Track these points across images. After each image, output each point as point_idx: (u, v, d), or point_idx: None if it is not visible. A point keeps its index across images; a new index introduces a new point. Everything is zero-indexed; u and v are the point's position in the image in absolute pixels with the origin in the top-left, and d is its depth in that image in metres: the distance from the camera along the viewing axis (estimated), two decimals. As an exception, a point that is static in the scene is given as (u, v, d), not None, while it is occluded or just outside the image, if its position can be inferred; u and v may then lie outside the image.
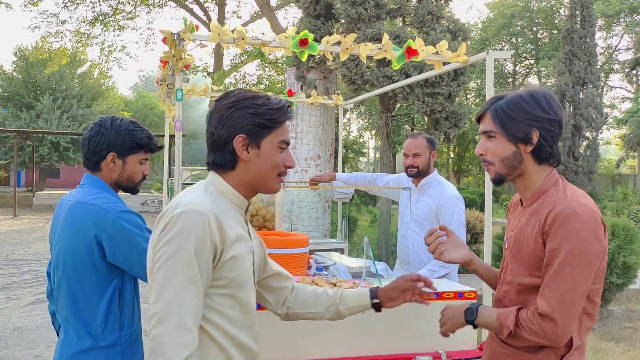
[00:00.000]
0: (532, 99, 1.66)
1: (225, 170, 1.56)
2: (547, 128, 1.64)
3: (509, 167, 1.69)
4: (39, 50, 25.45)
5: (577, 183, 17.75)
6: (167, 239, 1.40)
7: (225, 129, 1.53)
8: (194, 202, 1.44)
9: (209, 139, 1.57)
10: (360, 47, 2.49)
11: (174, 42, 2.25)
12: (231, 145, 1.53)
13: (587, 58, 17.92)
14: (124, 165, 2.10)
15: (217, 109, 1.56)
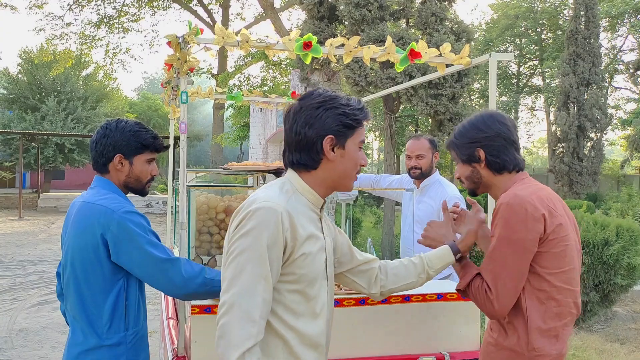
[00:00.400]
0: (471, 124, 1.94)
1: (307, 169, 1.59)
2: (489, 144, 1.90)
3: (473, 182, 1.98)
4: (44, 53, 25.60)
5: (582, 184, 17.71)
6: (241, 234, 1.45)
7: (313, 129, 1.55)
8: (269, 199, 1.48)
9: (293, 138, 1.58)
10: (364, 50, 2.50)
11: (178, 45, 2.27)
12: (319, 146, 1.56)
13: (592, 59, 17.88)
14: (131, 166, 2.13)
15: (303, 109, 1.57)
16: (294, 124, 1.58)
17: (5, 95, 30.41)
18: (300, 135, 1.56)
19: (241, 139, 18.83)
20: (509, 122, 1.92)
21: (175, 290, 1.94)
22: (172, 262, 1.94)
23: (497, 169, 1.90)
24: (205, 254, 3.04)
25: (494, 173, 1.91)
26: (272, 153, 14.63)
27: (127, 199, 2.12)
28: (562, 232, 1.78)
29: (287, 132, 1.60)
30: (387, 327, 2.31)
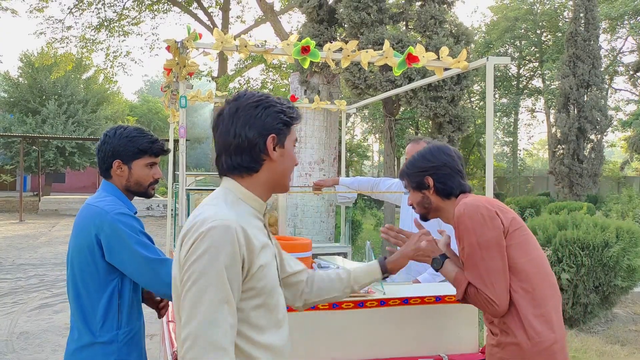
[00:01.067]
0: (420, 155, 2.16)
1: (248, 173, 1.52)
2: (436, 172, 2.11)
3: (424, 208, 2.17)
4: (44, 56, 25.63)
5: (582, 186, 17.71)
6: (195, 257, 1.35)
7: (253, 129, 1.49)
8: (220, 216, 1.39)
9: (232, 142, 1.50)
10: (362, 54, 2.51)
11: (177, 50, 2.28)
12: (262, 146, 1.49)
13: (591, 60, 17.90)
14: (130, 170, 2.18)
15: (240, 109, 1.50)
16: (231, 126, 1.50)
17: (6, 99, 30.45)
18: (241, 138, 1.48)
19: (241, 142, 18.81)
20: (453, 153, 2.16)
21: (165, 289, 1.99)
22: (161, 262, 1.99)
23: (445, 194, 2.11)
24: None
25: (442, 198, 2.12)
26: (272, 156, 14.63)
27: (127, 202, 2.18)
28: (517, 224, 1.97)
29: (223, 135, 1.51)
30: (386, 329, 2.32)
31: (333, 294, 1.89)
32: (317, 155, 11.42)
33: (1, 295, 7.75)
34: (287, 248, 2.77)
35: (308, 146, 11.36)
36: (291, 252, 2.76)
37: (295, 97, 4.43)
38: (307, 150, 11.37)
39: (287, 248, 2.77)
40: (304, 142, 11.35)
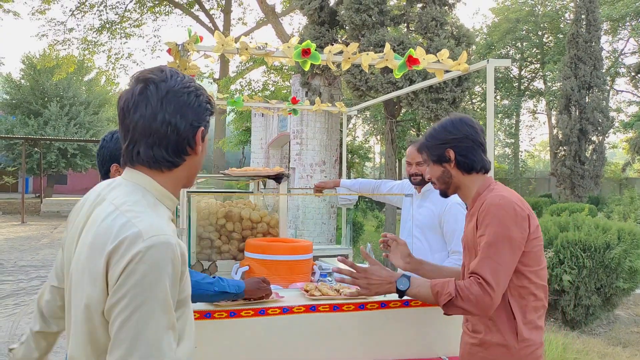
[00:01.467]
0: (441, 126, 2.06)
1: (169, 168, 1.30)
2: (458, 145, 2.01)
3: (444, 183, 2.07)
4: (46, 58, 25.69)
5: (584, 187, 17.69)
6: (135, 282, 1.14)
7: (185, 119, 1.28)
8: (157, 230, 1.18)
9: (158, 130, 1.26)
10: (362, 56, 2.52)
11: (178, 52, 2.29)
12: (191, 139, 1.30)
13: (593, 62, 17.88)
14: None
15: (170, 93, 1.27)
16: (159, 111, 1.25)
17: (8, 101, 30.51)
18: (170, 126, 1.26)
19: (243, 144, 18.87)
20: (476, 125, 2.05)
21: None
22: None
23: (466, 169, 2.01)
24: (205, 260, 3.06)
25: (463, 173, 2.02)
26: (273, 157, 14.65)
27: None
28: (539, 232, 1.92)
29: (146, 120, 1.25)
30: (386, 331, 2.32)
31: None
32: (319, 157, 11.43)
33: (3, 297, 7.77)
34: (289, 250, 2.78)
35: (309, 148, 11.37)
36: (292, 255, 2.77)
37: (297, 99, 4.43)
38: (309, 152, 11.39)
39: (288, 250, 2.78)
40: (305, 144, 11.37)
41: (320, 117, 11.27)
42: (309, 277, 2.89)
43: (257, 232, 3.20)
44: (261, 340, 2.18)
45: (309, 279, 2.85)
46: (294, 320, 2.21)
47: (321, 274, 3.00)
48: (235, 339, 2.15)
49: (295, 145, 11.64)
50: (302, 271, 2.81)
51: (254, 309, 2.17)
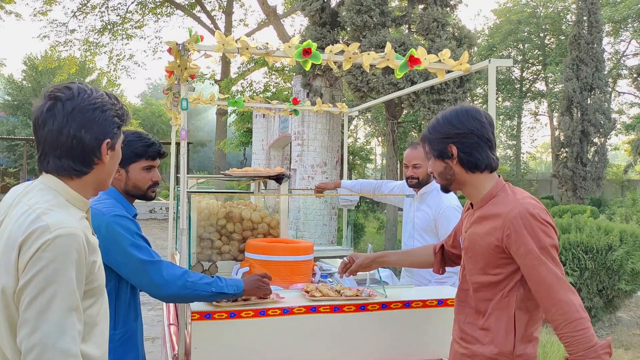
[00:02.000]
0: (445, 119, 1.89)
1: (78, 175, 1.45)
2: (462, 141, 1.85)
3: (445, 179, 1.94)
4: (48, 59, 25.73)
5: (586, 189, 17.66)
6: (41, 266, 1.28)
7: (90, 133, 1.43)
8: (65, 224, 1.33)
9: (64, 143, 1.42)
10: (363, 56, 2.50)
11: (179, 52, 2.28)
12: (97, 151, 1.46)
13: (595, 64, 17.87)
14: (127, 174, 2.22)
15: (76, 110, 1.42)
16: (65, 126, 1.41)
17: (9, 102, 30.56)
18: (75, 140, 1.42)
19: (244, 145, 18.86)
20: (484, 118, 1.87)
21: (157, 290, 2.01)
22: (153, 264, 2.00)
23: (470, 166, 1.86)
24: (206, 260, 3.05)
25: (466, 171, 1.88)
26: (274, 159, 14.65)
27: (127, 205, 2.21)
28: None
29: (53, 134, 1.42)
30: (388, 333, 2.31)
31: None
32: (320, 158, 11.43)
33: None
34: (289, 251, 2.77)
35: (310, 149, 11.36)
36: (293, 256, 2.76)
37: (298, 99, 4.42)
38: (310, 154, 11.38)
39: (288, 251, 2.77)
40: (307, 145, 11.36)
41: (321, 119, 11.26)
42: (310, 278, 2.87)
43: (257, 233, 3.19)
44: (261, 341, 2.16)
45: (309, 280, 2.84)
46: (294, 321, 2.20)
47: (322, 275, 2.98)
48: (236, 340, 2.13)
49: (296, 147, 11.64)
50: (302, 272, 2.80)
51: (254, 309, 2.16)
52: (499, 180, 1.90)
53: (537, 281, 1.68)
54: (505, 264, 1.78)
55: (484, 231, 1.82)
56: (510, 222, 1.73)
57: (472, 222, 1.90)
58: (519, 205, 1.75)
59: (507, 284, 1.79)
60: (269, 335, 2.17)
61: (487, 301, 1.82)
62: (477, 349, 1.82)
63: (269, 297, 2.26)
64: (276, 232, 3.23)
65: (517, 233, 1.71)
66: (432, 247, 2.32)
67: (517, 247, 1.71)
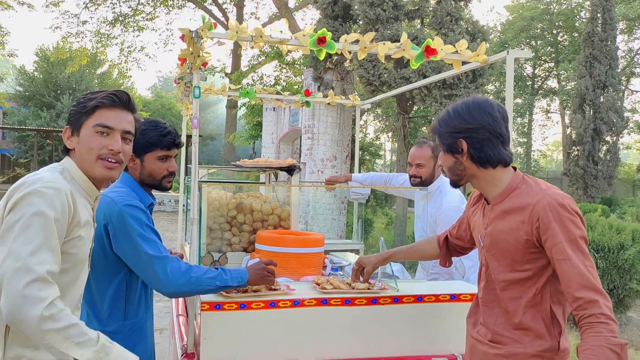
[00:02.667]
0: (455, 112, 1.81)
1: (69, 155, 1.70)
2: (472, 136, 1.77)
3: (455, 174, 1.87)
4: (59, 51, 25.83)
5: (597, 187, 17.50)
6: (26, 204, 1.46)
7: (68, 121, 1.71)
8: (54, 180, 1.53)
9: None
10: (379, 46, 2.46)
11: (192, 39, 2.25)
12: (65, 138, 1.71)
13: (608, 61, 17.66)
14: (142, 163, 2.19)
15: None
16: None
17: (21, 93, 30.72)
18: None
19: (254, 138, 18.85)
20: (497, 112, 1.79)
21: (160, 286, 1.99)
22: (158, 259, 1.97)
23: (480, 162, 1.78)
24: (216, 251, 3.03)
25: (478, 166, 1.80)
26: (284, 152, 14.62)
27: (143, 194, 2.19)
28: None
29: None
30: (400, 327, 2.27)
31: None
32: (330, 152, 11.39)
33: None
34: (300, 243, 2.74)
35: (321, 143, 11.32)
36: (303, 247, 2.73)
37: (310, 91, 4.39)
38: (320, 147, 11.34)
39: (299, 243, 2.74)
40: (317, 139, 11.33)
41: (332, 112, 11.22)
42: (320, 271, 2.85)
43: (268, 225, 3.16)
44: (271, 333, 2.14)
45: (319, 272, 2.81)
46: (305, 313, 2.17)
47: (332, 268, 2.95)
48: (245, 331, 2.11)
49: (306, 140, 11.60)
50: (313, 264, 2.77)
51: (264, 301, 2.14)
52: (516, 172, 1.83)
53: (561, 275, 1.63)
54: (535, 258, 1.72)
55: (511, 226, 1.74)
56: (538, 213, 1.66)
57: (494, 218, 1.81)
58: (547, 196, 1.68)
59: (537, 280, 1.73)
60: (279, 327, 2.14)
61: (517, 299, 1.76)
62: (515, 349, 1.75)
63: (277, 288, 2.23)
64: (287, 224, 3.21)
65: (546, 225, 1.65)
66: (436, 239, 2.28)
67: (545, 238, 1.66)
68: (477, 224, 1.93)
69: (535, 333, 1.73)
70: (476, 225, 1.94)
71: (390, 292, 2.30)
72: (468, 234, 2.10)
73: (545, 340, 1.72)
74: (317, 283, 2.33)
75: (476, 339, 1.88)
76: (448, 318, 2.33)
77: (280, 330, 2.15)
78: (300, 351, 2.17)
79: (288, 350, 2.15)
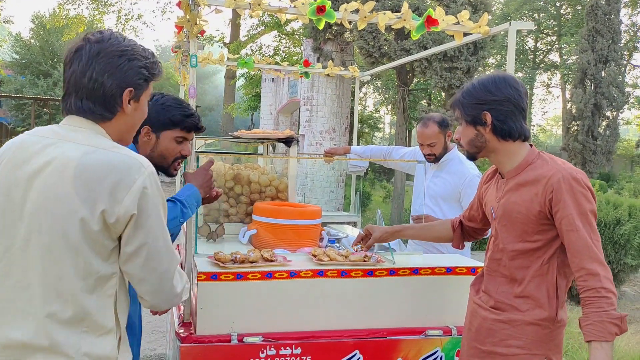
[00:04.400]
0: (481, 84, 1.84)
1: (101, 120, 1.44)
2: (497, 108, 1.80)
3: (475, 147, 1.89)
4: (56, 18, 25.40)
5: (595, 163, 17.51)
6: (150, 205, 1.38)
7: (113, 78, 1.42)
8: (146, 161, 1.41)
9: (86, 84, 1.41)
10: (379, 16, 2.42)
11: (189, 6, 2.21)
12: (118, 98, 1.44)
13: (611, 35, 17.48)
14: (157, 140, 2.06)
15: (102, 54, 1.42)
16: (87, 69, 1.41)
17: (17, 60, 30.39)
18: (97, 83, 1.41)
19: (252, 109, 18.76)
20: (521, 88, 1.85)
21: None
22: None
23: (503, 135, 1.82)
24: (213, 222, 3.03)
25: (499, 139, 1.83)
26: (282, 124, 14.56)
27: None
28: None
29: (77, 75, 1.41)
30: (395, 299, 2.29)
31: None
32: (329, 124, 11.34)
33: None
34: (297, 214, 2.74)
35: (319, 115, 11.27)
36: (301, 219, 2.73)
37: (309, 62, 4.34)
38: (319, 119, 11.29)
39: (296, 214, 2.74)
40: (316, 111, 11.26)
41: (331, 84, 11.13)
42: (317, 243, 2.85)
43: (265, 196, 3.16)
44: (268, 304, 2.15)
45: (317, 244, 2.82)
46: (301, 284, 2.18)
47: (329, 240, 2.96)
48: (242, 302, 2.12)
49: (305, 112, 11.54)
50: (310, 236, 2.77)
51: (261, 272, 2.14)
52: (532, 148, 1.87)
53: (568, 246, 1.70)
54: (545, 230, 1.77)
55: (524, 198, 1.79)
56: (552, 185, 1.72)
57: (508, 191, 1.85)
58: (562, 170, 1.73)
59: (546, 251, 1.79)
60: (275, 297, 2.15)
61: (524, 269, 1.81)
62: (514, 315, 1.81)
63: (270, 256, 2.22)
64: (284, 196, 3.20)
65: (558, 196, 1.70)
66: (450, 222, 2.31)
67: (556, 210, 1.71)
68: (490, 198, 1.98)
69: (535, 302, 1.79)
70: (489, 199, 1.98)
71: (386, 264, 2.31)
72: (480, 213, 2.13)
73: (544, 310, 1.78)
74: (314, 255, 2.33)
75: (478, 304, 1.95)
76: (443, 291, 2.35)
77: (276, 301, 2.16)
78: (296, 322, 2.18)
79: (284, 321, 2.17)
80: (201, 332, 2.09)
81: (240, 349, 2.08)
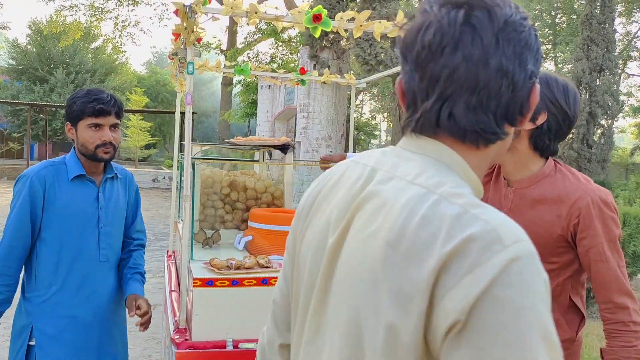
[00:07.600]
0: (564, 87, 1.62)
1: (485, 144, 0.85)
2: (557, 118, 1.60)
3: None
4: (53, 24, 25.48)
5: (590, 171, 17.57)
6: (502, 317, 0.56)
7: (524, 69, 0.79)
8: (517, 233, 0.73)
9: (489, 81, 0.80)
10: (375, 24, 2.44)
11: (186, 14, 2.22)
12: (525, 101, 0.84)
13: (606, 44, 17.58)
14: (77, 132, 2.16)
15: (510, 25, 0.79)
16: (494, 54, 0.80)
17: (14, 66, 30.38)
18: (507, 79, 0.82)
19: (249, 116, 18.77)
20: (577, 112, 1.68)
21: None
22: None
23: (538, 145, 1.63)
24: (209, 228, 3.03)
25: (530, 145, 1.63)
26: (279, 130, 14.58)
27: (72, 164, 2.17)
28: None
29: (474, 65, 0.80)
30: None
31: None
32: (325, 131, 11.36)
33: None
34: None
35: (316, 122, 11.29)
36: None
37: (305, 69, 4.36)
38: (315, 126, 11.32)
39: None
40: (312, 118, 11.29)
41: (327, 91, 11.17)
42: (313, 249, 2.85)
43: (261, 203, 3.17)
44: (263, 310, 2.14)
45: (312, 251, 2.82)
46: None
47: (325, 247, 2.96)
48: (237, 308, 2.13)
49: (301, 119, 11.57)
50: (305, 243, 2.78)
51: (256, 278, 2.15)
52: (549, 159, 1.70)
53: (595, 275, 1.59)
54: (563, 252, 1.64)
55: (544, 219, 1.62)
56: (580, 209, 1.56)
57: (521, 205, 1.67)
58: (590, 191, 1.58)
59: (560, 273, 1.66)
60: (270, 303, 2.16)
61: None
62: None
63: (267, 263, 2.24)
64: (280, 203, 3.21)
65: (587, 222, 1.56)
66: None
67: (583, 236, 1.58)
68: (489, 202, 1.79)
69: (565, 321, 1.69)
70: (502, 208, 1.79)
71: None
72: None
73: (564, 332, 1.67)
74: (309, 261, 2.34)
75: None
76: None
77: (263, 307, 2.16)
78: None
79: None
80: (196, 338, 2.09)
81: (235, 355, 2.09)
